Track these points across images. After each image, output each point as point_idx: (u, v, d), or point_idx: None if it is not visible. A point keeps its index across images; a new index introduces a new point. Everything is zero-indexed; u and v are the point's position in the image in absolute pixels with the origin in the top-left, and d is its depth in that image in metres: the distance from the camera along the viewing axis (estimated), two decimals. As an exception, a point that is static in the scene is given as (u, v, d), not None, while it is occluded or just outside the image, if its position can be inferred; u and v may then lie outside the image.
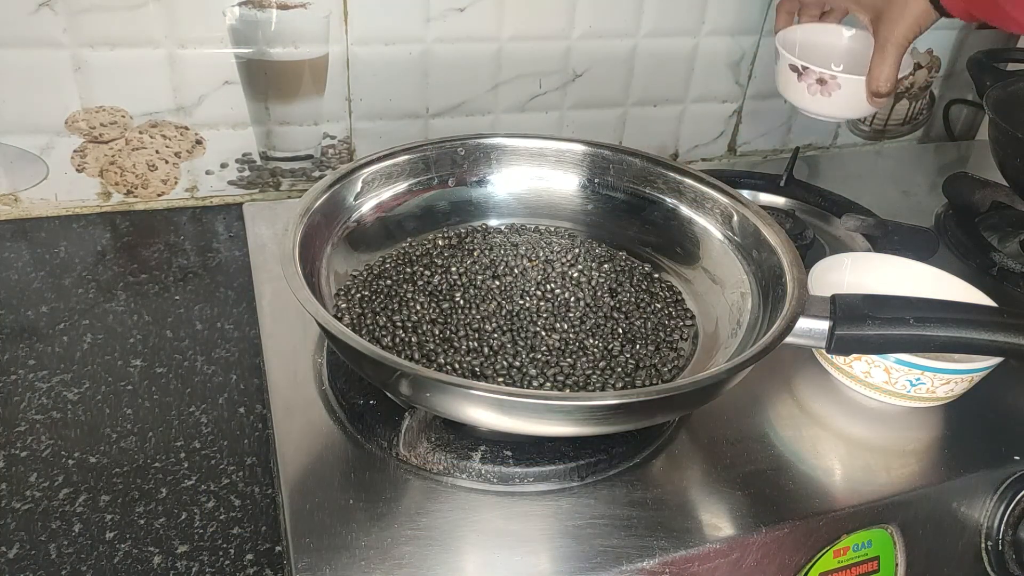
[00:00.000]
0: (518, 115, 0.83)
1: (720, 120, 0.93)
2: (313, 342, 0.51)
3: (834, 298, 0.43)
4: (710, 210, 0.56)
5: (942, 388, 0.49)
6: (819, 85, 0.69)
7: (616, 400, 0.39)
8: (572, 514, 0.41)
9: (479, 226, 0.59)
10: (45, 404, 0.54)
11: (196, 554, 0.45)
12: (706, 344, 0.50)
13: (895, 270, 0.57)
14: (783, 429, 0.48)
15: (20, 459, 0.50)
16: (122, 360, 0.58)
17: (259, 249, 0.61)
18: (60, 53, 0.66)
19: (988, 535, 0.48)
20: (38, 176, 0.72)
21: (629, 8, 0.81)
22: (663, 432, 0.47)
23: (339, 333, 0.39)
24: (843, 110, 0.71)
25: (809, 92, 0.70)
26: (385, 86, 0.77)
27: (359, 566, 0.37)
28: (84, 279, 0.66)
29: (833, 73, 0.68)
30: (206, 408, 0.55)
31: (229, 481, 0.49)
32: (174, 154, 0.75)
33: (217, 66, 0.71)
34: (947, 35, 0.99)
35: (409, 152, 0.57)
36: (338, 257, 0.52)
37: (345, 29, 0.73)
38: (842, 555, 0.44)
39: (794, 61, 0.70)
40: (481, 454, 0.43)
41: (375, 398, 0.46)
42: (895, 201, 0.81)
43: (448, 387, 0.37)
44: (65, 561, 0.44)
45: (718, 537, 0.41)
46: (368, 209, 0.55)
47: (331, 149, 0.80)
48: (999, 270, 0.68)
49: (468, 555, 0.39)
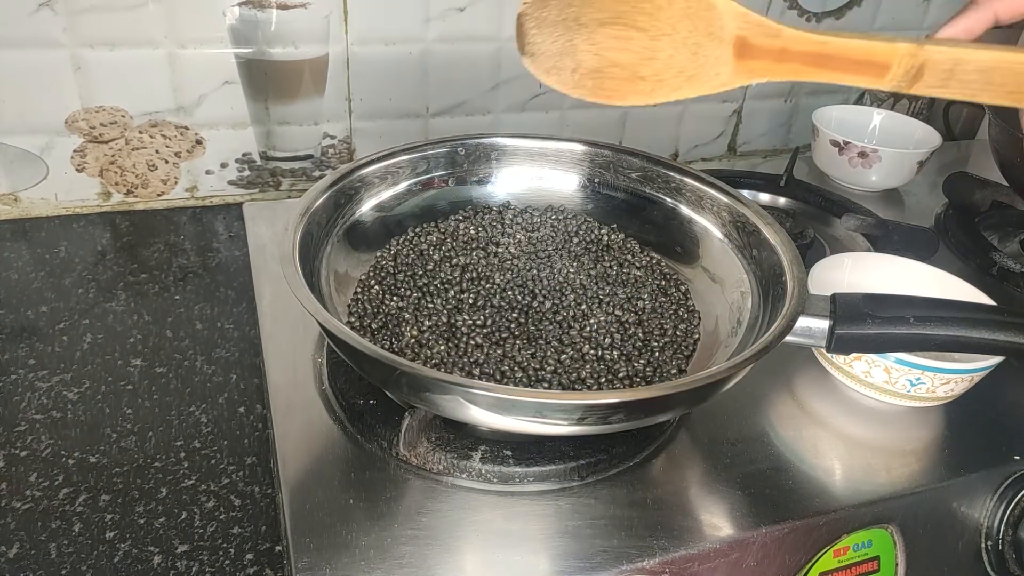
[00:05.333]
0: (518, 115, 0.83)
1: (720, 120, 0.94)
2: (313, 342, 0.51)
3: (834, 297, 0.43)
4: (710, 210, 0.56)
5: (942, 388, 0.49)
6: (860, 159, 0.78)
7: (616, 399, 0.39)
8: (572, 514, 0.41)
9: (493, 208, 0.59)
10: (45, 404, 0.54)
11: (196, 554, 0.45)
12: (706, 343, 0.50)
13: (895, 270, 0.57)
14: (783, 429, 0.48)
15: (20, 459, 0.50)
16: (122, 360, 0.58)
17: (259, 249, 0.60)
18: (60, 53, 0.66)
19: (988, 535, 0.48)
20: (38, 176, 0.72)
21: (629, 8, 0.81)
22: (663, 432, 0.47)
23: (339, 332, 0.39)
24: (884, 180, 0.80)
25: (851, 165, 0.79)
26: (385, 86, 0.77)
27: (359, 566, 0.37)
28: (84, 279, 0.66)
29: (875, 147, 0.77)
30: (206, 408, 0.55)
31: (229, 481, 0.49)
32: (174, 154, 0.75)
33: (217, 66, 0.71)
34: (947, 35, 0.99)
35: (409, 152, 0.57)
36: (338, 257, 0.51)
37: (345, 29, 0.73)
38: (842, 555, 0.44)
39: (835, 137, 0.79)
40: (481, 454, 0.43)
41: (375, 398, 0.46)
42: (895, 201, 0.81)
43: (448, 386, 0.37)
44: (65, 561, 0.44)
45: (718, 537, 0.41)
46: (368, 209, 0.55)
47: (331, 149, 0.80)
48: (999, 270, 0.68)
49: (468, 555, 0.39)
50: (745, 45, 0.34)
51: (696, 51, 0.34)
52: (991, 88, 0.33)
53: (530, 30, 0.37)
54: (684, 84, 0.35)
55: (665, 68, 0.35)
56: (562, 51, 0.37)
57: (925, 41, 0.33)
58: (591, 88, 0.37)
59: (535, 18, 0.37)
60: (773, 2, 0.85)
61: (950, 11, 1.00)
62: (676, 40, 0.34)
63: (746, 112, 0.94)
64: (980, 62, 0.33)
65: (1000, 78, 0.33)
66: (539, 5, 0.36)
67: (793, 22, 0.87)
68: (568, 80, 0.37)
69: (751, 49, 0.34)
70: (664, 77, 0.35)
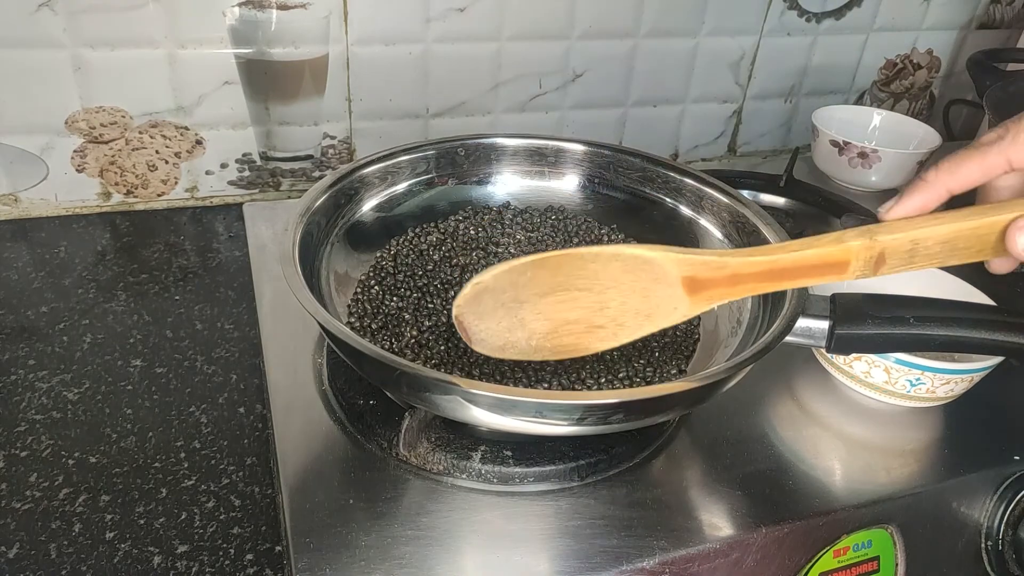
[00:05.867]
0: (518, 115, 0.83)
1: (720, 120, 0.94)
2: (313, 342, 0.51)
3: (834, 297, 0.43)
4: (710, 210, 0.56)
5: (942, 388, 0.49)
6: (860, 159, 0.78)
7: (616, 399, 0.39)
8: (572, 514, 0.41)
9: (494, 209, 0.59)
10: (45, 404, 0.54)
11: (196, 554, 0.45)
12: (706, 343, 0.50)
13: (895, 270, 0.57)
14: (783, 429, 0.48)
15: (20, 459, 0.50)
16: (122, 360, 0.58)
17: (259, 249, 0.60)
18: (60, 53, 0.66)
19: (988, 535, 0.48)
20: (38, 176, 0.72)
21: (629, 8, 0.81)
22: (663, 432, 0.47)
23: (339, 333, 0.39)
24: (884, 181, 0.80)
25: (850, 165, 0.80)
26: (385, 86, 0.77)
27: (359, 566, 0.37)
28: (84, 279, 0.66)
29: (875, 147, 0.77)
30: (206, 408, 0.55)
31: (229, 481, 0.49)
32: (174, 154, 0.75)
33: (217, 66, 0.71)
34: (947, 35, 1.00)
35: (409, 152, 0.57)
36: (338, 257, 0.51)
37: (345, 29, 0.73)
38: (842, 555, 0.44)
39: (835, 137, 0.79)
40: (481, 454, 0.43)
41: (375, 398, 0.46)
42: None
43: (448, 386, 0.37)
44: (65, 561, 0.44)
45: (718, 537, 0.41)
46: (368, 209, 0.55)
47: (331, 149, 0.80)
48: (999, 270, 0.68)
49: (468, 555, 0.39)
50: (694, 281, 0.35)
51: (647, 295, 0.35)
52: (957, 253, 0.34)
53: (471, 324, 0.38)
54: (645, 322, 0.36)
55: (620, 313, 0.36)
56: (510, 327, 0.38)
57: (878, 229, 0.33)
58: (551, 349, 0.38)
59: (472, 314, 0.38)
60: (773, 3, 0.85)
61: (950, 11, 1.01)
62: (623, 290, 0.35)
63: (746, 112, 0.94)
64: (939, 236, 0.33)
65: (964, 243, 0.33)
66: (472, 303, 0.37)
67: (793, 22, 0.87)
68: (526, 348, 0.38)
69: (701, 283, 0.35)
70: (623, 321, 0.36)
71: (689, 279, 0.35)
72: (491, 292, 0.37)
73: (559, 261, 0.35)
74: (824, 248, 0.34)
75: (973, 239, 0.33)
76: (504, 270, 0.37)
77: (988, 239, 0.33)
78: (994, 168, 0.36)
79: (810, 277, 0.35)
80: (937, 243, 0.33)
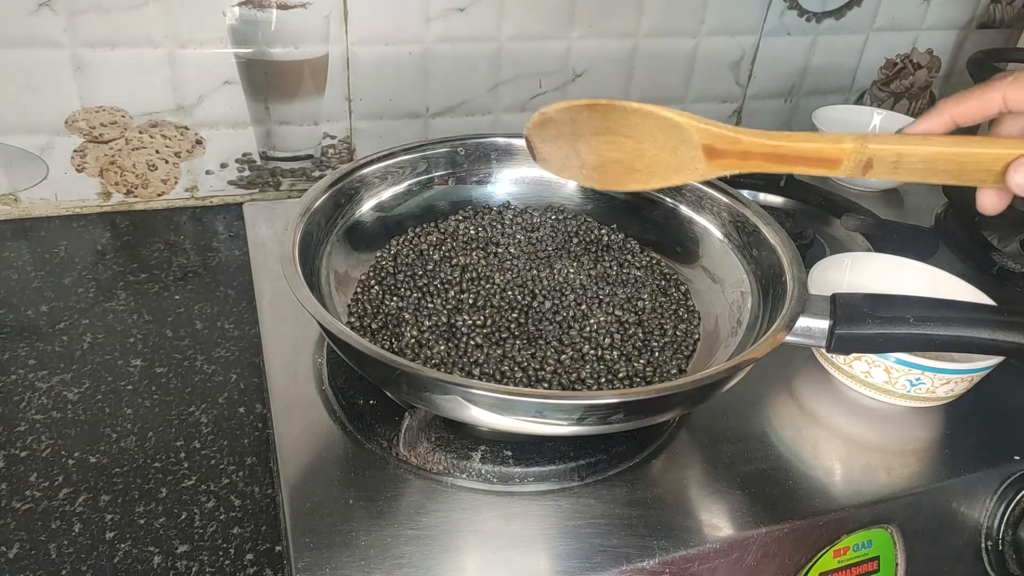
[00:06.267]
0: (518, 115, 0.83)
1: (720, 120, 0.93)
2: (313, 342, 0.51)
3: (834, 297, 0.43)
4: (710, 210, 0.56)
5: (942, 388, 0.49)
6: None
7: (616, 399, 0.39)
8: (572, 514, 0.41)
9: (493, 209, 0.59)
10: (45, 404, 0.54)
11: (196, 554, 0.45)
12: (706, 343, 0.50)
13: (895, 270, 0.57)
14: (783, 429, 0.48)
15: (20, 459, 0.50)
16: (122, 360, 0.58)
17: (259, 249, 0.60)
18: (60, 53, 0.66)
19: (988, 535, 0.48)
20: (38, 176, 0.72)
21: (629, 8, 0.81)
22: (663, 432, 0.47)
23: (339, 332, 0.39)
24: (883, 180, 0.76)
25: None
26: (385, 86, 0.77)
27: (359, 565, 0.37)
28: (84, 279, 0.66)
29: None
30: (206, 408, 0.55)
31: (229, 481, 0.49)
32: (174, 154, 0.75)
33: (217, 66, 0.71)
34: (947, 35, 1.00)
35: (409, 152, 0.57)
36: (338, 257, 0.51)
37: (345, 29, 0.73)
38: (842, 555, 0.44)
39: None
40: (481, 454, 0.43)
41: (375, 398, 0.46)
42: (895, 201, 0.81)
43: (448, 386, 0.37)
44: (65, 561, 0.44)
45: (718, 537, 0.41)
46: (368, 209, 0.55)
47: (331, 149, 0.80)
48: (999, 270, 0.68)
49: (468, 555, 0.39)
50: (712, 149, 0.40)
51: (675, 152, 0.41)
52: (937, 173, 0.38)
53: (538, 145, 0.45)
54: (672, 175, 0.42)
55: (654, 163, 0.42)
56: (568, 155, 0.45)
57: (871, 138, 0.38)
58: (598, 179, 0.45)
59: (539, 137, 0.45)
60: (773, 3, 0.85)
61: (950, 11, 1.01)
62: (657, 144, 0.41)
63: (746, 112, 0.94)
64: (922, 155, 0.38)
65: (943, 166, 0.38)
66: (540, 127, 0.44)
67: (793, 22, 0.87)
68: (579, 175, 0.45)
69: (718, 152, 0.40)
70: (654, 170, 0.42)
71: (708, 147, 0.40)
72: (554, 123, 0.43)
73: (606, 108, 0.41)
74: (822, 144, 0.39)
75: (953, 164, 0.38)
76: (564, 106, 0.42)
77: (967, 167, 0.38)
78: (991, 103, 0.40)
79: (807, 167, 0.40)
80: (920, 161, 0.38)
